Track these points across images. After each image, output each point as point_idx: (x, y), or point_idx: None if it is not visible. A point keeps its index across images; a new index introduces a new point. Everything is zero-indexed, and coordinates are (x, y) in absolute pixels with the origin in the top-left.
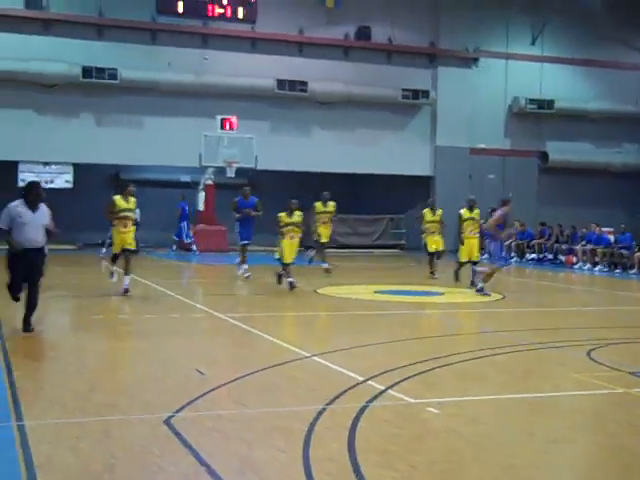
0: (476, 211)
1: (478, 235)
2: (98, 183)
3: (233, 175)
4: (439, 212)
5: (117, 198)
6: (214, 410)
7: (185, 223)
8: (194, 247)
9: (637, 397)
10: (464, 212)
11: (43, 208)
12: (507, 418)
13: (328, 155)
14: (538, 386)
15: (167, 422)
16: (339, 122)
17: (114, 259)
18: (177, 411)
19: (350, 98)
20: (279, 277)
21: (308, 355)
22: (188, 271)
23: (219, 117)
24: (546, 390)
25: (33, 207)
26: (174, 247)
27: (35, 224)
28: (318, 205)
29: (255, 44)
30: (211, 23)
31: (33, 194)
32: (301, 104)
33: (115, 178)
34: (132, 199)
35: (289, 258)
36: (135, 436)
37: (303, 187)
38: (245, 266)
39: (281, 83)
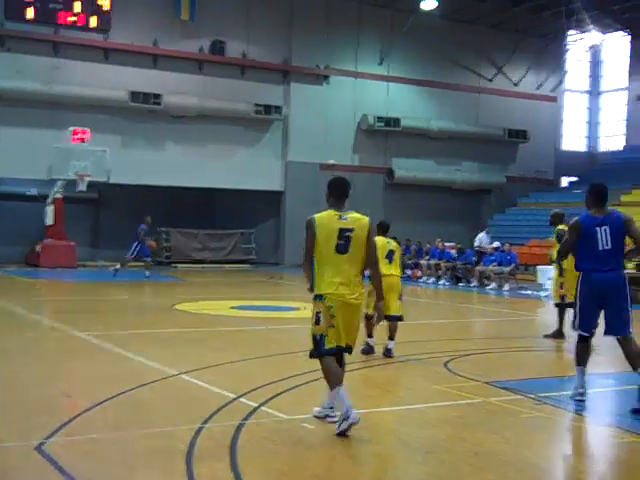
0: None
1: None
2: None
3: (84, 189)
4: None
5: None
6: (88, 434)
7: None
8: None
9: (496, 405)
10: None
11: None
12: (379, 431)
13: (181, 169)
14: (404, 398)
15: (39, 449)
16: (192, 136)
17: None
18: (48, 437)
19: (204, 112)
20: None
21: (176, 373)
22: (39, 288)
23: (70, 128)
24: (411, 402)
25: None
26: None
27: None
28: None
29: (108, 54)
30: (63, 31)
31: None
32: (155, 117)
33: None
34: None
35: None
36: (6, 465)
37: (154, 202)
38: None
39: (135, 95)
